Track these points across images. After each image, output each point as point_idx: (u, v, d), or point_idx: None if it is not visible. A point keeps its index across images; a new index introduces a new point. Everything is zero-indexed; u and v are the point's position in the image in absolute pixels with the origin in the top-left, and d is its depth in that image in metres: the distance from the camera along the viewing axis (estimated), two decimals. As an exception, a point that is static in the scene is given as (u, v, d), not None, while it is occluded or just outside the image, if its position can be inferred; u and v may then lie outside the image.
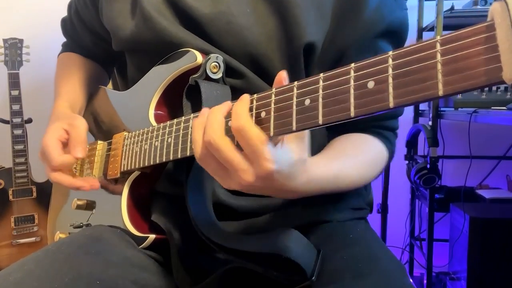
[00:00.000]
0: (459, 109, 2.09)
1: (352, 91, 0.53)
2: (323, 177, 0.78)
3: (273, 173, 0.63)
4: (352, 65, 0.54)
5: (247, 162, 0.64)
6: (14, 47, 2.25)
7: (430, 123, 2.21)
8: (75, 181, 1.00)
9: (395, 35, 0.96)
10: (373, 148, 0.98)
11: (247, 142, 0.62)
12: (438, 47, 0.46)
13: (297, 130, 0.60)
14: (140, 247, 0.91)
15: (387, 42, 0.95)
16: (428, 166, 2.12)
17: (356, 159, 0.91)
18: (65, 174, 1.01)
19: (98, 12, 1.10)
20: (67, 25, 1.29)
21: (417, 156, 2.45)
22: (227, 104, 0.68)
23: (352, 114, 0.53)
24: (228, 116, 0.66)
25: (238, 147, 0.64)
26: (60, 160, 0.98)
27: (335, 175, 0.83)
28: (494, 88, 2.05)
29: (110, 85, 1.42)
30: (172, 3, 0.93)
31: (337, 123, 0.56)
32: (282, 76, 0.64)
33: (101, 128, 1.14)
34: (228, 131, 0.65)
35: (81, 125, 1.02)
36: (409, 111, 2.61)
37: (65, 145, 1.02)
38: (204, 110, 0.69)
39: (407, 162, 2.37)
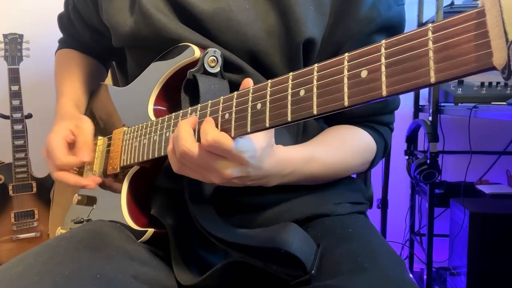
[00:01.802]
0: (459, 104, 2.08)
1: (346, 80, 0.54)
2: (291, 159, 0.85)
3: (248, 161, 0.72)
4: (346, 55, 0.55)
5: (223, 159, 0.71)
6: (14, 42, 2.25)
7: (430, 118, 2.20)
8: (81, 180, 1.00)
9: (392, 31, 0.96)
10: (358, 138, 1.00)
11: (221, 149, 0.69)
12: (430, 34, 0.46)
13: (292, 121, 0.60)
14: (139, 241, 0.91)
15: (384, 37, 0.95)
16: (428, 161, 2.12)
17: (335, 147, 0.95)
18: (70, 173, 1.01)
19: (98, 8, 1.09)
20: (64, 21, 1.29)
21: (417, 151, 2.45)
22: (193, 117, 0.76)
23: (346, 104, 0.53)
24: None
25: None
26: (65, 161, 0.99)
27: (307, 160, 0.88)
28: (494, 83, 2.04)
29: (109, 80, 1.42)
30: None
31: (331, 113, 0.56)
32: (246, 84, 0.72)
33: (101, 124, 1.14)
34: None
35: (88, 128, 1.03)
36: (409, 107, 2.61)
37: (71, 145, 1.02)
38: (181, 123, 0.75)
39: (407, 157, 2.37)
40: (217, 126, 0.71)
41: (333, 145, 0.96)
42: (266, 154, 0.76)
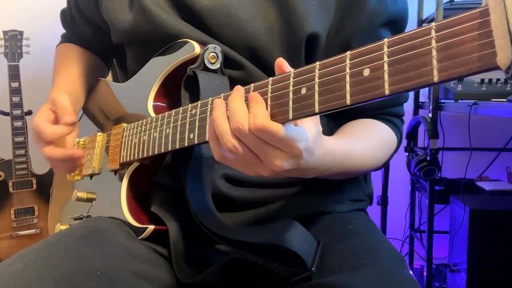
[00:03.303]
0: (459, 101, 2.08)
1: (348, 79, 0.54)
2: (336, 152, 0.77)
3: (301, 151, 0.64)
4: (348, 53, 0.55)
5: (276, 149, 0.64)
6: (14, 39, 2.25)
7: (430, 115, 2.20)
8: (67, 150, 1.02)
9: (396, 25, 0.96)
10: (383, 131, 0.99)
11: (271, 136, 0.62)
12: (433, 33, 0.46)
13: (294, 119, 0.60)
14: (139, 237, 0.91)
15: (388, 31, 0.96)
16: (428, 158, 2.12)
17: (367, 140, 0.92)
18: (57, 147, 1.03)
19: (98, 4, 1.09)
20: (66, 17, 1.29)
21: (417, 148, 2.45)
22: (241, 91, 0.67)
23: (348, 102, 0.53)
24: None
25: None
26: (51, 130, 1.00)
27: (348, 152, 0.82)
28: (494, 80, 2.04)
29: (110, 77, 1.42)
30: None
31: (333, 111, 0.56)
32: (280, 64, 0.65)
33: (101, 120, 1.14)
34: None
35: (63, 98, 1.04)
36: (409, 103, 2.59)
37: (55, 123, 1.03)
38: (218, 101, 0.68)
39: (407, 154, 2.37)
40: None
41: (364, 137, 0.93)
42: (317, 144, 0.69)
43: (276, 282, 0.77)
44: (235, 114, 0.64)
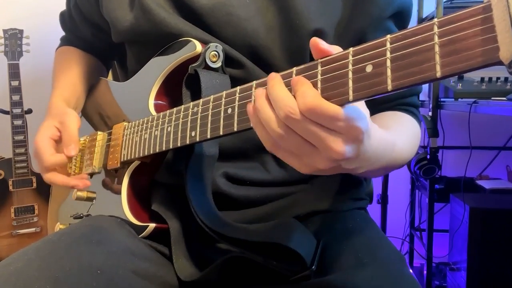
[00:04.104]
0: (459, 99, 2.08)
1: (350, 75, 0.54)
2: (386, 141, 0.71)
3: (363, 133, 0.57)
4: (351, 49, 0.55)
5: (333, 133, 0.56)
6: (14, 37, 2.25)
7: (430, 113, 2.21)
8: (69, 180, 1.01)
9: (401, 16, 0.97)
10: (411, 122, 0.98)
11: (325, 118, 0.55)
12: (436, 29, 0.46)
13: None
14: (140, 236, 0.91)
15: (394, 23, 0.96)
16: (428, 156, 2.12)
17: (402, 132, 0.88)
18: (59, 174, 1.02)
19: (98, 3, 1.09)
20: (65, 19, 1.28)
21: (417, 146, 2.45)
22: (278, 77, 0.61)
23: (351, 98, 0.53)
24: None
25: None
26: (52, 160, 1.00)
27: (393, 144, 0.75)
28: (494, 78, 2.04)
29: (110, 77, 1.42)
30: None
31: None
32: (320, 47, 0.59)
33: (102, 119, 1.14)
34: None
35: (72, 123, 1.02)
36: (409, 102, 2.60)
37: (58, 142, 1.03)
38: (260, 90, 0.62)
39: (407, 152, 2.37)
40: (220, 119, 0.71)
41: (400, 130, 0.89)
42: (372, 128, 0.62)
43: (276, 281, 0.77)
44: (282, 100, 0.57)
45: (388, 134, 0.73)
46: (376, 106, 0.98)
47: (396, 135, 0.80)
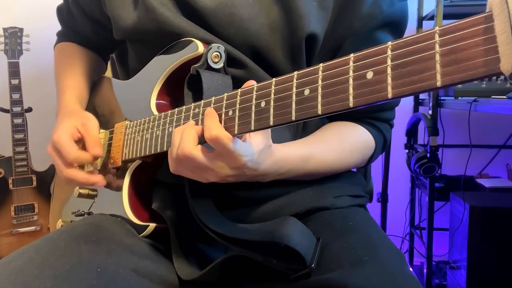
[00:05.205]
0: (459, 98, 2.08)
1: (351, 81, 0.54)
2: (289, 158, 0.86)
3: (245, 164, 0.73)
4: (352, 55, 0.54)
5: (221, 160, 0.73)
6: (14, 36, 2.25)
7: (430, 112, 2.21)
8: (91, 177, 0.98)
9: (394, 26, 0.96)
10: (357, 136, 1.00)
11: (221, 147, 0.70)
12: (437, 37, 0.46)
13: (296, 120, 0.60)
14: (140, 235, 0.91)
15: (387, 33, 0.96)
16: (428, 155, 2.12)
17: (333, 145, 0.96)
18: (80, 171, 1.00)
19: (100, 0, 1.09)
20: (63, 13, 1.27)
21: (417, 145, 2.45)
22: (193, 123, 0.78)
23: (351, 105, 0.53)
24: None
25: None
26: (76, 155, 0.97)
27: (306, 157, 0.90)
28: (494, 77, 2.04)
29: (108, 73, 1.41)
30: None
31: (336, 113, 0.56)
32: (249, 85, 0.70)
33: (103, 117, 1.14)
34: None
35: (94, 126, 1.02)
36: (409, 100, 2.61)
37: (77, 143, 1.01)
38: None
39: (407, 151, 2.37)
40: (220, 122, 0.71)
41: (332, 142, 0.96)
42: (264, 156, 0.78)
43: (276, 279, 0.77)
44: (183, 142, 0.75)
45: (299, 151, 0.89)
46: (346, 116, 1.02)
47: (319, 149, 0.93)
